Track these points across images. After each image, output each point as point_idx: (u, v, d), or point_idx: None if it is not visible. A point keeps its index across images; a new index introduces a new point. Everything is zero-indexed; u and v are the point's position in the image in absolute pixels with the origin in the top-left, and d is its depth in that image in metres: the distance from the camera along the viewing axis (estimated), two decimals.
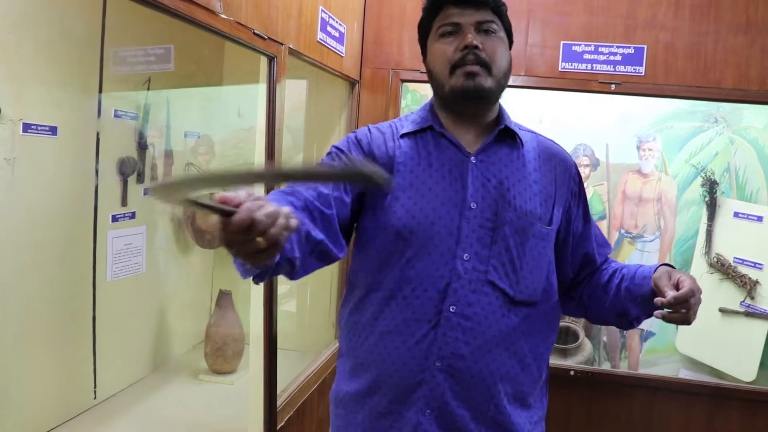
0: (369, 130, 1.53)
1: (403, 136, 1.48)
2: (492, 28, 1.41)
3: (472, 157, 1.42)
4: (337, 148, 1.49)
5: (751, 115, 2.73)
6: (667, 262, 1.45)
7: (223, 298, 2.46)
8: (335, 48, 2.40)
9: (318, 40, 2.22)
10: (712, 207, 2.74)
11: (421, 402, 1.37)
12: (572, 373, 2.68)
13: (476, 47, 1.37)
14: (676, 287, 1.29)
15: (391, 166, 1.43)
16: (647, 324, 2.81)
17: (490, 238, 1.38)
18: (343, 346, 1.52)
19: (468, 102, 1.41)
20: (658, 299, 1.28)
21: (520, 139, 1.47)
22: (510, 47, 1.48)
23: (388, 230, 1.40)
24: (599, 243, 1.57)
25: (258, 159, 1.92)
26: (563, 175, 1.50)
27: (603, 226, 2.80)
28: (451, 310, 1.36)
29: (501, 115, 1.48)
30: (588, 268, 1.56)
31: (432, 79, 1.46)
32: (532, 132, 1.53)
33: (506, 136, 1.46)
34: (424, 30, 1.50)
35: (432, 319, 1.36)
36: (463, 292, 1.36)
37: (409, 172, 1.43)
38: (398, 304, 1.38)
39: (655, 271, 1.39)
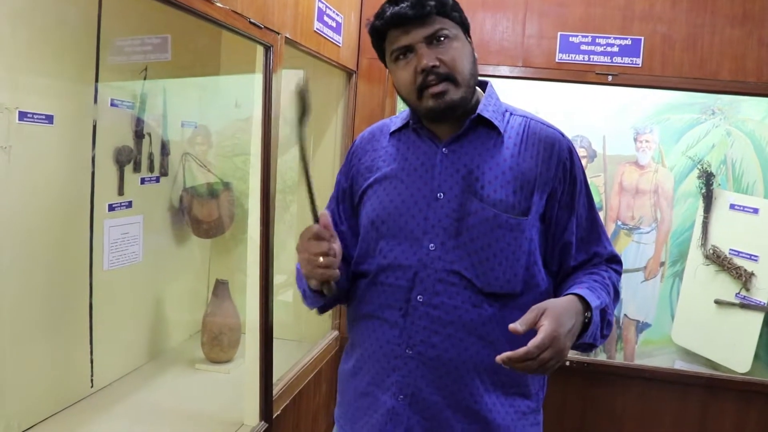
0: (363, 137, 1.61)
1: (392, 134, 1.54)
2: (443, 35, 1.36)
3: (443, 148, 1.43)
4: (339, 175, 1.64)
5: (748, 107, 2.73)
6: (576, 291, 1.31)
7: (220, 288, 2.47)
8: (332, 38, 2.40)
9: (315, 29, 2.22)
10: (708, 199, 2.74)
11: (395, 387, 1.41)
12: (568, 363, 2.70)
13: (434, 66, 1.34)
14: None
15: (376, 167, 1.51)
16: (643, 315, 2.82)
17: (455, 229, 1.38)
18: (347, 327, 1.60)
19: (444, 117, 1.41)
20: (511, 326, 1.19)
21: (500, 125, 1.44)
22: (468, 33, 1.45)
23: (366, 221, 1.48)
24: (583, 238, 1.47)
25: (255, 149, 1.92)
26: (549, 159, 1.42)
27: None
28: (418, 299, 1.39)
29: (477, 102, 1.45)
30: (566, 262, 1.47)
31: (403, 99, 1.46)
32: (525, 116, 1.48)
33: (483, 123, 1.44)
34: (378, 50, 1.48)
35: (402, 307, 1.40)
36: (430, 281, 1.38)
37: (387, 167, 1.48)
38: (377, 290, 1.43)
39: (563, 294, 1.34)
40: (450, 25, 1.38)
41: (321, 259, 1.31)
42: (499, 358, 1.18)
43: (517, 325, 1.19)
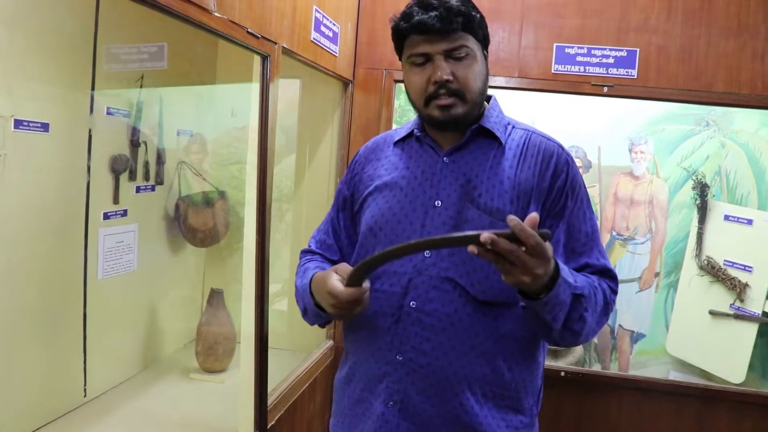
0: (366, 146, 1.63)
1: (396, 144, 1.56)
2: (462, 53, 1.39)
3: (444, 157, 1.45)
4: (339, 185, 1.64)
5: (742, 118, 2.75)
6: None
7: (215, 297, 2.46)
8: (329, 48, 2.40)
9: (312, 39, 2.23)
10: (702, 210, 2.75)
11: (385, 393, 1.40)
12: (563, 374, 2.69)
13: (447, 80, 1.37)
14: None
15: (378, 175, 1.53)
16: (638, 326, 2.82)
17: None
18: (342, 336, 1.60)
19: (446, 128, 1.44)
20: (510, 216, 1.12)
21: (502, 137, 1.45)
22: (486, 47, 1.48)
23: (364, 227, 1.49)
24: (575, 249, 1.44)
25: (251, 158, 1.92)
26: (546, 171, 1.43)
27: None
28: (411, 305, 1.38)
29: (482, 114, 1.48)
30: None
31: (410, 101, 1.48)
32: (527, 129, 1.50)
33: (485, 134, 1.46)
34: (397, 47, 1.50)
35: (395, 313, 1.40)
36: (424, 288, 1.38)
37: (388, 175, 1.50)
38: (371, 297, 1.41)
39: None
40: (472, 42, 1.41)
41: (366, 294, 1.32)
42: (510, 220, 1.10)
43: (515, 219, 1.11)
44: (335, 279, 1.32)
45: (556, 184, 1.43)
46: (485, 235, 1.08)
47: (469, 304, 1.37)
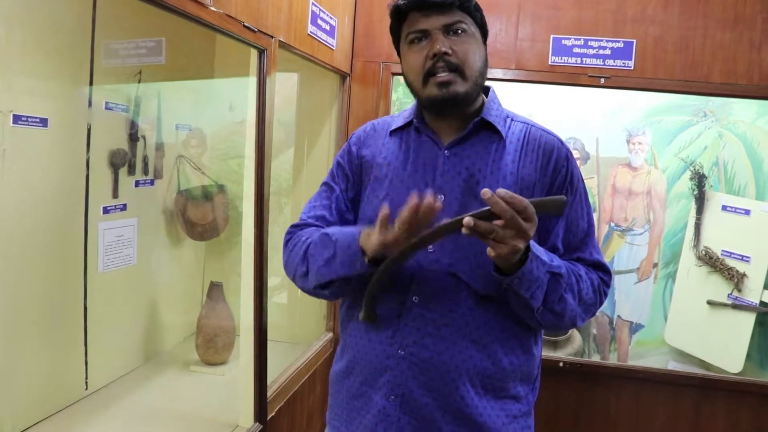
0: (365, 129, 1.59)
1: (392, 132, 1.52)
2: (461, 28, 1.39)
3: (445, 150, 1.44)
4: (337, 162, 1.59)
5: (739, 109, 2.75)
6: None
7: (214, 290, 2.47)
8: (326, 41, 2.41)
9: (308, 33, 2.23)
10: (700, 200, 2.76)
11: (386, 387, 1.40)
12: (561, 364, 2.71)
13: (446, 53, 1.36)
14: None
15: (376, 164, 1.50)
16: (636, 316, 2.84)
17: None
18: (339, 328, 1.58)
19: (446, 109, 1.42)
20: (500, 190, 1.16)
21: (503, 130, 1.45)
22: (485, 39, 1.48)
23: (364, 221, 1.46)
24: (570, 243, 1.45)
25: (249, 152, 1.93)
26: (547, 166, 1.43)
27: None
28: (413, 300, 1.38)
29: (482, 106, 1.47)
30: None
31: (408, 85, 1.47)
32: (526, 122, 1.49)
33: (487, 127, 1.45)
34: (395, 34, 1.50)
35: (397, 307, 1.40)
36: (427, 283, 1.38)
37: (388, 166, 1.48)
38: None
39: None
40: (470, 22, 1.41)
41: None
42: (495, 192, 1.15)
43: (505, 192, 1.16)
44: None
45: (557, 179, 1.44)
46: (486, 191, 1.15)
47: (470, 298, 1.37)
